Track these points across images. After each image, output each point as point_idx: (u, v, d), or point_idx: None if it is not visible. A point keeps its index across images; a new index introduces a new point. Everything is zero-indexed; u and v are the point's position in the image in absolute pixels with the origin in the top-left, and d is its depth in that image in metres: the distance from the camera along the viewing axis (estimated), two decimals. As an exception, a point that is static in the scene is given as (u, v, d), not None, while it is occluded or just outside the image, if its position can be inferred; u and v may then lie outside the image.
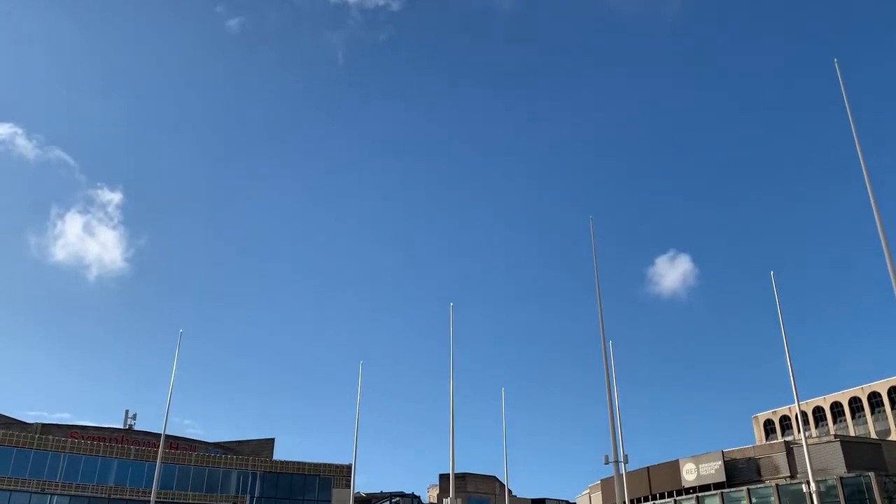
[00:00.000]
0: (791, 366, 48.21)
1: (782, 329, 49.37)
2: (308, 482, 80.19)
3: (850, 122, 29.94)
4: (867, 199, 28.99)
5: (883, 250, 25.45)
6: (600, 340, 42.58)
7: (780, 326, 49.46)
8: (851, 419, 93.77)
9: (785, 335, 49.07)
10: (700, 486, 67.43)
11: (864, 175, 28.84)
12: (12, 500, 68.86)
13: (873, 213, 28.52)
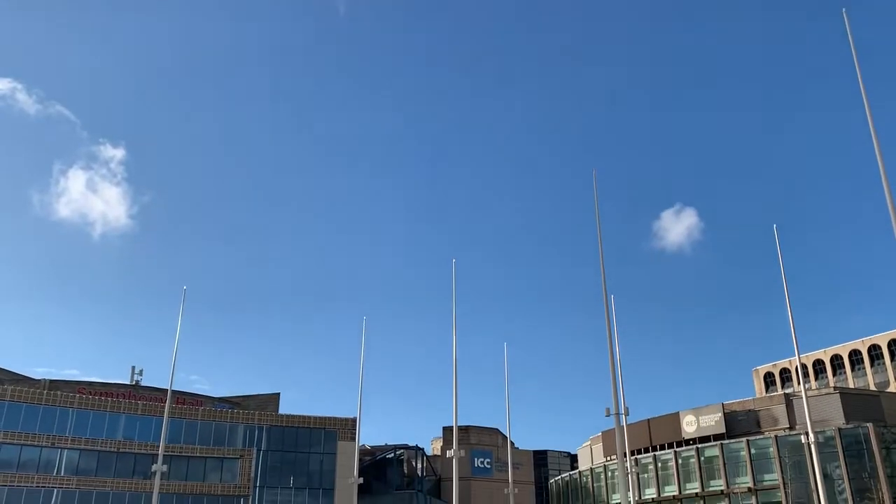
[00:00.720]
0: (792, 318, 48.41)
1: (784, 282, 49.45)
2: (314, 435, 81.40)
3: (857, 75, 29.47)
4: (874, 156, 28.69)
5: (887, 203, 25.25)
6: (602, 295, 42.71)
7: (782, 280, 49.56)
8: (851, 372, 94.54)
9: (787, 288, 49.14)
10: (700, 438, 68.33)
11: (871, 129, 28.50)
12: (23, 455, 70.16)
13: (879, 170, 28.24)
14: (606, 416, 40.91)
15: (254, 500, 76.96)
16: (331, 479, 78.91)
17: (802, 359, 55.36)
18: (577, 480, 79.80)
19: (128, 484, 72.61)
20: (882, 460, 55.87)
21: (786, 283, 49.46)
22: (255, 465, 78.08)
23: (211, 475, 76.72)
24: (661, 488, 67.65)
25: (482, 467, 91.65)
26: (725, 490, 62.53)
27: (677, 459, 67.24)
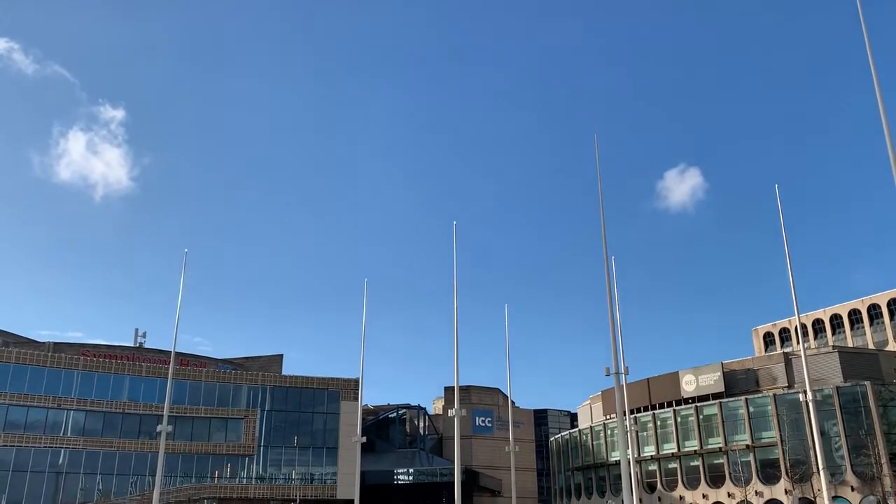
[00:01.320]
0: (792, 278, 48.50)
1: (785, 241, 49.43)
2: (317, 395, 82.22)
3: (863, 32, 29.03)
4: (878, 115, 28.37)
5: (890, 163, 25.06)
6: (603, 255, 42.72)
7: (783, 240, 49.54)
8: (850, 331, 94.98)
9: (787, 247, 49.15)
10: (699, 397, 69.02)
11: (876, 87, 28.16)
12: (30, 416, 71.03)
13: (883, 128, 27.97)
14: (606, 375, 41.20)
15: (258, 459, 78.12)
16: (334, 437, 79.96)
17: (802, 318, 55.67)
18: (576, 438, 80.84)
19: (134, 444, 73.63)
20: (879, 417, 56.47)
21: (786, 242, 49.47)
22: (259, 424, 79.05)
23: (216, 435, 77.75)
24: (660, 446, 68.55)
25: (483, 426, 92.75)
26: (724, 447, 63.34)
27: (676, 418, 68.00)
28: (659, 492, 67.42)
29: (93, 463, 72.16)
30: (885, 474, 53.23)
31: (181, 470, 74.39)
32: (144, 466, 72.66)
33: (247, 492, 76.23)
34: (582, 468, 78.07)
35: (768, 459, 60.80)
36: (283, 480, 77.89)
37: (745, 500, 59.26)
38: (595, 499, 74.33)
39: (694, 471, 65.62)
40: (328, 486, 78.59)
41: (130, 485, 73.14)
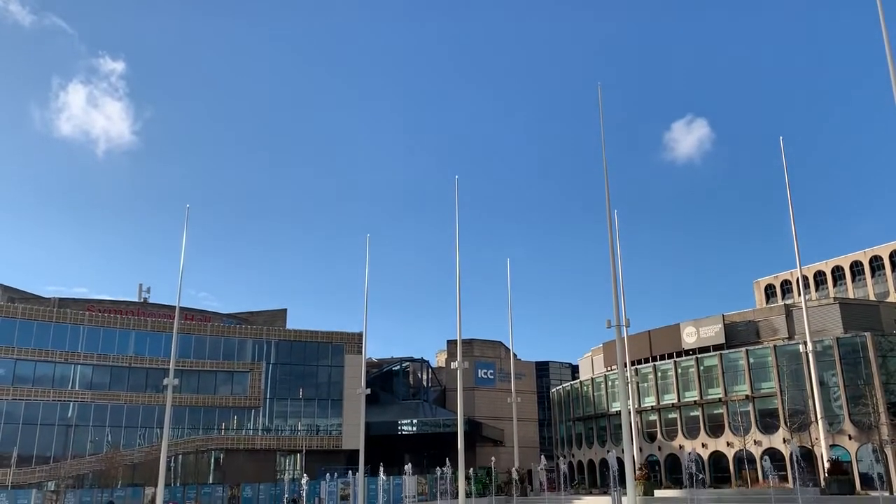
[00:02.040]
0: (795, 229, 48.53)
1: (788, 193, 49.32)
2: (321, 349, 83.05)
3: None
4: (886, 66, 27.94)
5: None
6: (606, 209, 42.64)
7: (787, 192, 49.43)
8: (852, 282, 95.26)
9: (790, 199, 49.10)
10: (699, 348, 69.60)
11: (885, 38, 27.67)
12: (38, 370, 71.96)
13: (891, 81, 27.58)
14: (608, 327, 41.52)
15: (264, 411, 79.32)
16: (339, 390, 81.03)
17: (804, 270, 55.77)
18: (577, 390, 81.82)
19: (141, 397, 74.70)
20: (878, 368, 56.98)
21: (790, 194, 49.38)
22: (264, 378, 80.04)
23: (222, 388, 78.80)
24: (660, 397, 69.37)
25: (485, 378, 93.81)
26: (723, 398, 64.10)
27: (677, 369, 68.67)
28: (659, 441, 68.47)
29: (101, 416, 73.36)
30: (883, 423, 53.91)
31: (188, 422, 75.64)
32: (152, 419, 73.87)
33: (253, 443, 77.61)
34: (583, 418, 79.18)
35: (767, 409, 61.53)
36: (289, 432, 79.23)
37: (743, 448, 60.18)
38: (596, 448, 75.55)
39: (693, 421, 66.53)
40: (333, 437, 79.96)
41: (139, 437, 74.48)
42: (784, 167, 49.78)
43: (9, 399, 69.79)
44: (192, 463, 74.42)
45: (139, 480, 68.59)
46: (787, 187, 49.48)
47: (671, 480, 63.40)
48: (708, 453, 63.88)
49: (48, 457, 70.18)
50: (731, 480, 60.28)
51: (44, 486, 67.39)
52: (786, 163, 49.67)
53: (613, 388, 73.16)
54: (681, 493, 44.66)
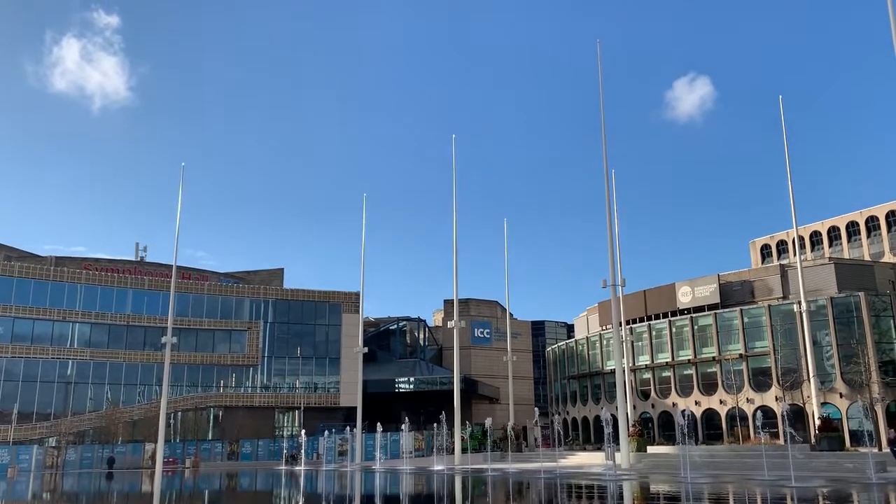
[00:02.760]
0: (792, 190, 48.48)
1: (786, 153, 49.17)
2: (319, 308, 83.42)
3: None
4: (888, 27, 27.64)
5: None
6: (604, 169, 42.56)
7: (786, 152, 49.28)
8: (847, 243, 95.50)
9: (788, 158, 48.98)
10: (694, 308, 69.97)
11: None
12: (36, 328, 72.24)
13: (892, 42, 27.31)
14: (603, 287, 41.87)
15: (263, 369, 79.99)
16: (336, 348, 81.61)
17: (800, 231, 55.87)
18: (573, 348, 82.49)
19: (139, 355, 75.20)
20: (871, 327, 57.45)
21: (787, 153, 49.23)
22: (262, 336, 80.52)
23: (220, 346, 79.32)
24: (654, 355, 70.00)
25: (482, 337, 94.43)
26: (717, 357, 64.69)
27: (671, 328, 69.15)
28: (652, 399, 69.29)
29: (100, 373, 73.93)
30: (874, 381, 54.59)
31: (187, 380, 76.32)
32: (151, 376, 74.49)
33: (252, 400, 78.42)
34: (578, 376, 79.98)
35: (760, 368, 62.19)
36: (288, 389, 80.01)
37: (736, 406, 60.98)
38: (590, 405, 76.47)
39: (687, 379, 67.24)
40: (331, 395, 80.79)
41: (138, 394, 75.20)
42: (782, 126, 49.58)
43: (8, 357, 70.22)
44: (191, 420, 75.29)
45: (139, 437, 69.45)
46: (786, 147, 49.34)
47: (664, 437, 64.34)
48: (701, 411, 64.72)
49: (48, 413, 70.91)
50: (723, 437, 61.19)
51: (45, 442, 68.24)
52: (784, 122, 49.44)
53: (608, 347, 73.74)
54: (673, 449, 45.37)
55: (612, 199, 43.35)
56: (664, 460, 39.91)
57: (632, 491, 24.14)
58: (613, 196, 45.53)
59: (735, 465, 35.60)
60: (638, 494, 22.87)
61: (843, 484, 24.89)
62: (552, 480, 29.85)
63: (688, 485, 25.36)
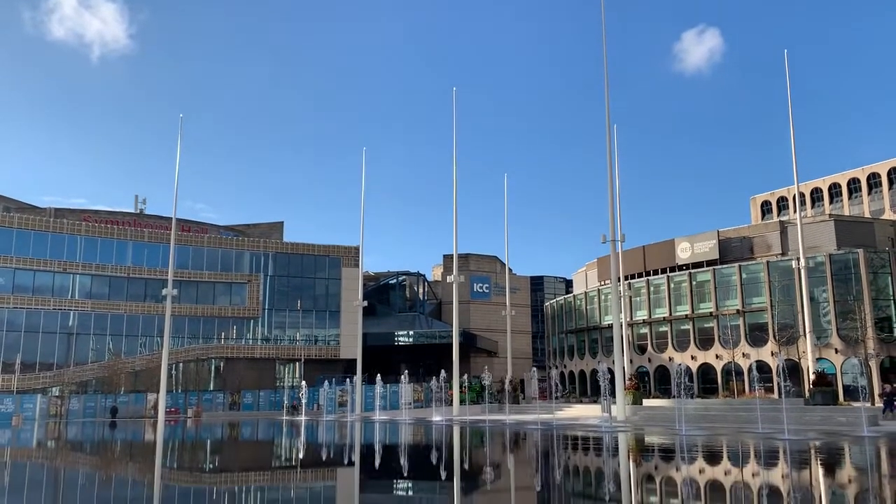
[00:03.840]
0: (794, 145, 48.17)
1: (789, 107, 48.70)
2: (319, 262, 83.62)
3: None
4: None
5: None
6: (606, 124, 42.21)
7: (789, 106, 48.82)
8: (848, 199, 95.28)
9: (791, 113, 48.53)
10: (693, 264, 70.17)
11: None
12: (37, 279, 72.51)
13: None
14: (602, 242, 41.91)
15: (263, 322, 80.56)
16: (336, 302, 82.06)
17: (801, 187, 55.54)
18: (571, 303, 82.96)
19: (140, 307, 75.63)
20: (868, 284, 57.71)
21: (791, 108, 48.76)
22: (262, 289, 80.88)
23: (220, 299, 79.73)
24: (652, 310, 70.44)
25: (481, 292, 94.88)
26: (714, 312, 65.12)
27: (669, 284, 69.45)
28: (649, 353, 69.97)
29: (102, 325, 74.45)
30: (870, 337, 55.08)
31: (188, 331, 76.89)
32: (152, 328, 75.00)
33: (253, 352, 79.15)
34: (575, 331, 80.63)
35: (757, 323, 62.66)
36: (288, 342, 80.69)
37: (731, 361, 61.62)
38: (587, 359, 77.26)
39: (684, 334, 67.80)
40: (331, 347, 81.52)
41: (140, 345, 75.86)
42: (787, 81, 49.07)
43: (10, 307, 70.62)
44: (192, 370, 76.10)
45: (141, 387, 70.28)
46: (789, 102, 48.87)
47: (660, 391, 65.14)
48: (697, 365, 65.41)
49: (51, 364, 71.62)
50: (718, 391, 61.97)
51: (48, 391, 69.08)
52: (789, 78, 48.93)
53: (606, 302, 74.16)
54: (668, 402, 45.96)
55: (613, 154, 43.14)
56: (659, 413, 40.47)
57: (627, 442, 24.53)
58: (615, 151, 45.28)
59: (729, 418, 36.13)
60: (633, 445, 23.25)
61: (836, 437, 25.29)
62: (548, 431, 30.32)
63: (682, 437, 25.77)
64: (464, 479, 14.41)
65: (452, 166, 54.84)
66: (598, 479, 14.08)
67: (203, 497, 12.27)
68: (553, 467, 16.83)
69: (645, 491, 11.90)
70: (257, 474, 17.10)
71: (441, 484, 13.90)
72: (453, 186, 54.85)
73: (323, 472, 17.33)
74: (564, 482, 13.58)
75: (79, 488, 14.17)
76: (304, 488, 13.58)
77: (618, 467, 16.53)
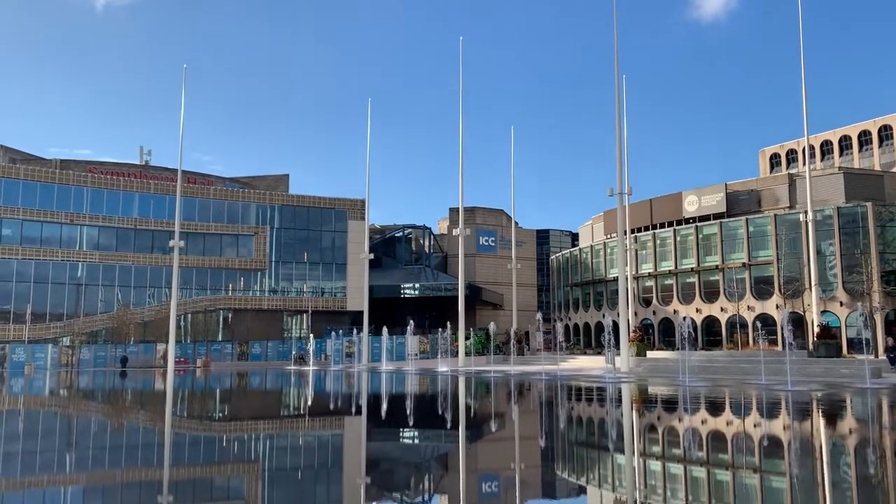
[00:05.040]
0: (806, 96, 47.53)
1: (801, 58, 47.90)
2: (324, 215, 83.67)
3: None
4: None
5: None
6: (615, 75, 41.64)
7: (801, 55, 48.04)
8: (858, 152, 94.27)
9: (804, 63, 47.78)
10: (700, 217, 69.88)
11: None
12: (45, 231, 72.83)
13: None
14: (609, 195, 41.71)
15: (270, 274, 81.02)
16: (343, 255, 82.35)
17: (811, 140, 54.93)
18: (577, 256, 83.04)
19: (148, 258, 76.05)
20: (875, 237, 57.50)
21: (803, 59, 47.96)
22: (269, 241, 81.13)
23: (227, 251, 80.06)
24: (657, 264, 70.47)
25: (486, 245, 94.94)
26: (720, 265, 65.11)
27: (676, 237, 69.31)
28: (654, 306, 70.23)
29: (110, 276, 75.00)
30: (875, 290, 55.12)
31: (196, 283, 77.43)
32: (160, 279, 75.54)
33: (260, 303, 79.80)
34: (581, 284, 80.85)
35: (763, 277, 62.67)
36: (295, 293, 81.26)
37: (736, 314, 61.85)
38: (592, 311, 77.65)
39: (689, 287, 67.92)
40: (338, 299, 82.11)
41: (148, 296, 76.51)
42: (800, 29, 48.16)
43: (18, 258, 71.12)
44: (201, 321, 76.88)
45: (150, 337, 71.13)
46: (801, 52, 48.05)
47: (664, 343, 65.61)
48: (702, 318, 65.68)
49: (61, 314, 72.41)
50: (722, 344, 62.35)
51: (59, 341, 70.00)
52: (802, 28, 48.01)
53: (612, 255, 74.18)
54: (672, 354, 46.32)
55: (622, 105, 42.59)
56: (663, 364, 40.83)
57: (630, 392, 24.82)
58: (624, 103, 44.67)
59: (732, 370, 36.45)
60: (636, 395, 23.54)
61: (838, 389, 25.52)
62: (552, 382, 30.67)
63: (685, 387, 26.04)
64: (469, 426, 14.65)
65: (459, 119, 54.37)
66: (600, 427, 14.29)
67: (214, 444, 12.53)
68: (556, 416, 17.07)
69: (648, 441, 12.09)
70: (267, 422, 17.42)
71: (447, 431, 14.14)
72: (459, 139, 54.49)
73: (332, 420, 17.64)
74: (567, 430, 13.80)
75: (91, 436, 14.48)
76: (312, 436, 13.84)
77: (620, 416, 16.75)
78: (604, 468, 9.35)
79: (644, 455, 10.06)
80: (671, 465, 9.34)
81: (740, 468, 9.14)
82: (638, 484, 7.87)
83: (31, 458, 10.75)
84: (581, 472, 9.18)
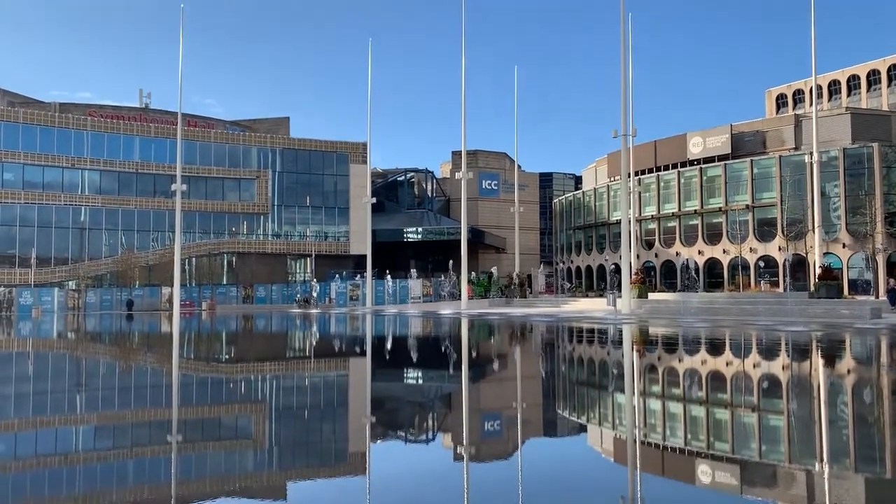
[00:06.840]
0: (814, 34, 46.65)
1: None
2: (326, 158, 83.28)
3: None
4: None
5: None
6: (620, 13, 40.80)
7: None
8: (866, 93, 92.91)
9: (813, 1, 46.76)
10: (705, 159, 69.45)
11: None
12: (46, 175, 72.70)
13: None
14: (614, 137, 41.33)
15: (273, 217, 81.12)
16: (345, 199, 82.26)
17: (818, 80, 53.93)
18: (580, 200, 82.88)
19: (150, 202, 76.08)
20: (881, 179, 57.22)
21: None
22: (271, 185, 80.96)
23: (229, 194, 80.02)
24: (660, 206, 70.35)
25: (489, 189, 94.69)
26: (723, 207, 64.97)
27: (680, 179, 69.01)
28: (656, 248, 70.38)
29: (113, 220, 75.20)
30: (879, 231, 55.10)
31: (199, 226, 77.67)
32: (163, 223, 75.74)
33: (264, 247, 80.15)
34: (583, 227, 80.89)
35: (766, 218, 62.61)
36: (298, 237, 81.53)
37: (738, 255, 62.00)
38: (594, 254, 77.90)
39: (692, 229, 67.94)
40: (341, 243, 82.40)
41: (152, 240, 76.85)
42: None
43: (21, 203, 71.20)
44: (205, 265, 77.34)
45: (155, 281, 71.71)
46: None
47: (666, 285, 66.01)
48: (703, 260, 65.88)
49: (66, 258, 72.87)
50: (723, 286, 62.69)
51: (65, 285, 70.60)
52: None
53: (615, 198, 73.98)
54: (674, 296, 46.63)
55: (627, 44, 41.81)
56: (664, 306, 41.14)
57: (630, 332, 25.08)
58: (629, 41, 43.84)
59: (733, 311, 36.72)
60: (636, 336, 23.79)
61: (838, 329, 25.75)
62: (554, 324, 30.98)
63: (685, 328, 26.30)
64: (472, 366, 14.87)
65: (461, 59, 53.48)
66: (601, 367, 14.50)
67: (221, 384, 12.76)
68: (558, 357, 17.31)
69: (648, 380, 12.29)
70: (273, 363, 17.68)
71: (450, 372, 14.36)
72: (461, 80, 53.71)
73: (337, 360, 17.90)
74: (568, 370, 14.01)
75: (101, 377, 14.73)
76: (318, 376, 14.07)
77: (621, 356, 16.98)
78: (604, 407, 9.53)
79: (644, 394, 10.24)
80: (670, 404, 9.51)
81: (739, 406, 9.32)
82: (638, 421, 8.03)
83: (42, 399, 10.98)
84: (582, 410, 9.36)
